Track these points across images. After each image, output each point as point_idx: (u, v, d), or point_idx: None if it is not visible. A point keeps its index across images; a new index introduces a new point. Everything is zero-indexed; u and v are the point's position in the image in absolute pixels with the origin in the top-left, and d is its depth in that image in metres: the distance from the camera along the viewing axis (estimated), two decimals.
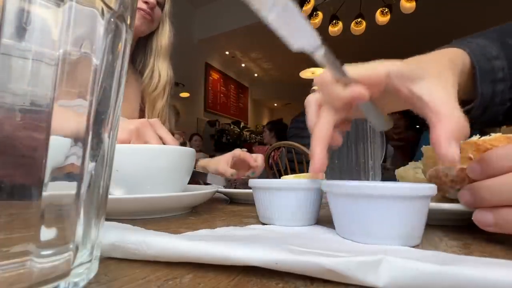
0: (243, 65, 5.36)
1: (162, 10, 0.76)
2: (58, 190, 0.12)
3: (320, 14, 2.61)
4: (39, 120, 0.11)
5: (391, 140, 2.37)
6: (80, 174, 0.13)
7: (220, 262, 0.16)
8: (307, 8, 2.52)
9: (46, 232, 0.11)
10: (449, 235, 0.25)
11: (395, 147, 2.17)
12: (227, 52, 4.82)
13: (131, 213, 0.33)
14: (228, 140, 4.73)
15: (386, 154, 0.62)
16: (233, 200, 0.52)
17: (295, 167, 1.68)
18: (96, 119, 0.13)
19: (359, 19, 2.67)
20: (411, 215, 0.20)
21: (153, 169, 0.37)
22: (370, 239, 0.21)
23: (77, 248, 0.13)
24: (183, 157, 0.40)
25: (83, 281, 0.14)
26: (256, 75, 5.83)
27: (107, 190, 0.16)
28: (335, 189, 0.23)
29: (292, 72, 5.01)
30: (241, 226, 0.27)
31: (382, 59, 0.27)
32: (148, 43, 0.78)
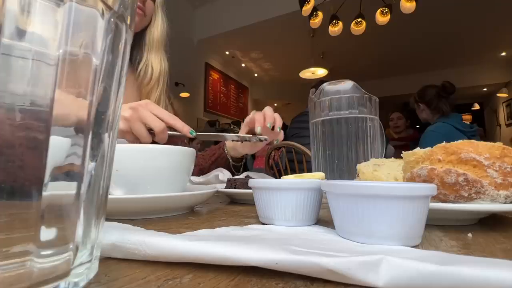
0: (243, 65, 5.35)
1: (154, 2, 0.75)
2: (58, 190, 0.12)
3: (320, 14, 2.60)
4: (39, 120, 0.11)
5: (391, 140, 2.38)
6: (80, 174, 0.13)
7: (220, 262, 0.16)
8: (307, 8, 2.51)
9: (46, 232, 0.11)
10: (449, 235, 0.25)
11: (395, 147, 2.17)
12: (227, 52, 4.81)
13: (131, 213, 0.33)
14: None
15: (386, 154, 0.62)
16: (233, 200, 0.52)
17: (295, 167, 1.67)
18: (96, 119, 0.13)
19: (359, 19, 2.67)
20: (411, 215, 0.20)
21: (153, 169, 0.37)
22: (370, 239, 0.21)
23: (77, 248, 0.13)
24: (183, 157, 0.40)
25: (83, 281, 0.14)
26: (256, 75, 5.83)
27: (107, 190, 0.16)
28: (335, 189, 0.23)
29: (292, 72, 5.00)
30: (241, 226, 0.27)
31: (382, 59, 0.27)
32: (142, 37, 0.77)
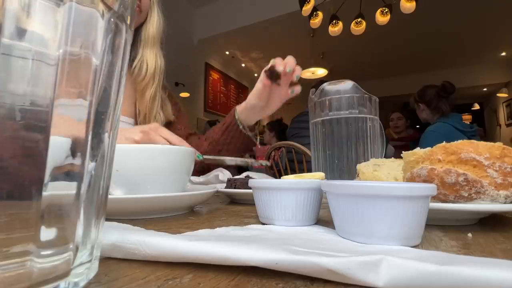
0: (243, 65, 5.35)
1: None
2: (58, 190, 0.12)
3: (320, 14, 2.60)
4: (39, 120, 0.11)
5: (391, 140, 2.38)
6: (80, 174, 0.13)
7: (220, 262, 0.16)
8: (307, 8, 2.51)
9: (46, 232, 0.11)
10: (449, 235, 0.25)
11: (395, 147, 2.17)
12: (227, 52, 4.81)
13: (131, 213, 0.33)
14: None
15: (386, 154, 0.62)
16: (233, 200, 0.52)
17: (295, 167, 1.68)
18: (96, 119, 0.13)
19: (359, 19, 2.67)
20: (411, 215, 0.20)
21: (153, 169, 0.37)
22: (370, 239, 0.21)
23: (77, 248, 0.13)
24: (183, 157, 0.40)
25: (83, 281, 0.14)
26: (256, 75, 5.82)
27: (107, 190, 0.16)
28: (335, 189, 0.23)
29: None
30: (241, 226, 0.27)
31: (382, 59, 0.27)
32: (137, 34, 0.76)
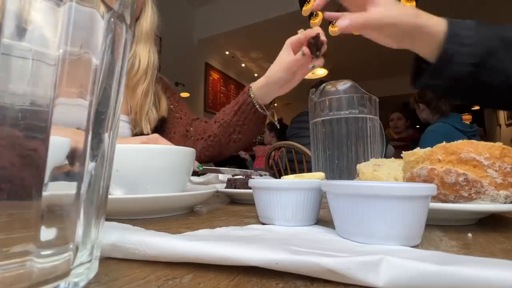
0: (243, 65, 5.35)
1: None
2: (58, 190, 0.12)
3: (320, 14, 2.60)
4: (39, 120, 0.11)
5: (391, 140, 2.38)
6: (80, 174, 0.13)
7: (220, 262, 0.16)
8: (307, 8, 2.51)
9: (46, 232, 0.11)
10: (449, 235, 0.25)
11: (395, 147, 2.17)
12: (227, 52, 4.81)
13: (131, 213, 0.33)
14: None
15: (386, 154, 0.62)
16: (233, 200, 0.52)
17: (295, 167, 1.67)
18: (96, 119, 0.13)
19: None
20: (411, 215, 0.20)
21: (153, 169, 0.37)
22: (370, 239, 0.21)
23: (77, 248, 0.13)
24: (183, 157, 0.40)
25: (83, 281, 0.14)
26: (256, 75, 5.82)
27: (107, 190, 0.16)
28: (335, 189, 0.23)
29: None
30: (241, 226, 0.27)
31: (382, 59, 0.27)
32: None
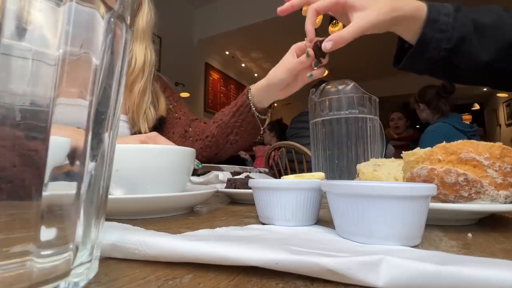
0: (243, 65, 5.35)
1: None
2: (58, 190, 0.12)
3: (320, 15, 2.60)
4: (39, 120, 0.11)
5: (391, 140, 2.38)
6: (80, 174, 0.13)
7: (220, 262, 0.16)
8: (307, 8, 2.51)
9: (46, 232, 0.11)
10: (449, 235, 0.25)
11: (395, 147, 2.17)
12: (227, 52, 4.81)
13: (131, 213, 0.33)
14: None
15: (386, 154, 0.62)
16: (233, 200, 0.52)
17: (295, 167, 1.67)
18: (96, 119, 0.13)
19: None
20: (411, 215, 0.20)
21: (153, 169, 0.37)
22: (370, 239, 0.21)
23: (77, 248, 0.13)
24: (183, 157, 0.40)
25: (83, 281, 0.14)
26: (256, 75, 5.82)
27: (107, 190, 0.16)
28: (335, 189, 0.23)
29: None
30: (241, 226, 0.27)
31: (382, 59, 0.27)
32: None
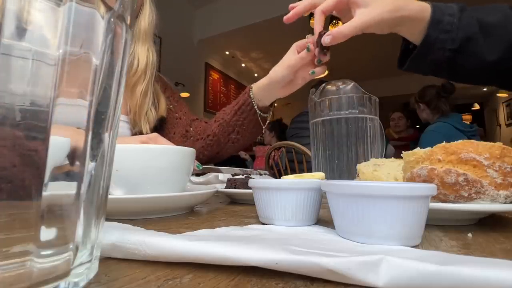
0: (243, 65, 5.35)
1: None
2: (58, 190, 0.12)
3: None
4: (39, 120, 0.11)
5: (391, 140, 2.38)
6: (80, 174, 0.13)
7: (220, 262, 0.16)
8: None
9: (46, 232, 0.11)
10: (449, 235, 0.25)
11: (395, 147, 2.17)
12: (227, 52, 4.81)
13: (131, 213, 0.33)
14: None
15: (386, 154, 0.62)
16: (233, 200, 0.52)
17: (295, 167, 1.68)
18: (96, 119, 0.13)
19: None
20: (411, 215, 0.20)
21: (153, 169, 0.37)
22: (370, 239, 0.21)
23: (77, 248, 0.13)
24: (183, 157, 0.40)
25: (83, 281, 0.14)
26: (256, 75, 5.82)
27: (107, 190, 0.16)
28: (335, 189, 0.23)
29: None
30: (241, 226, 0.27)
31: (382, 59, 0.27)
32: None
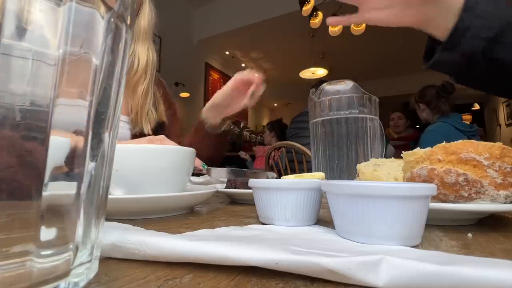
0: (243, 65, 5.35)
1: None
2: (58, 190, 0.12)
3: (320, 14, 2.60)
4: (39, 120, 0.11)
5: (391, 140, 2.38)
6: (80, 174, 0.13)
7: (220, 262, 0.16)
8: (307, 8, 2.51)
9: (46, 232, 0.11)
10: (449, 235, 0.25)
11: (395, 147, 2.17)
12: (227, 52, 4.81)
13: (131, 213, 0.33)
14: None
15: (386, 154, 0.62)
16: (233, 200, 0.52)
17: (295, 167, 1.68)
18: (96, 119, 0.13)
19: None
20: (411, 215, 0.20)
21: (153, 169, 0.37)
22: (370, 239, 0.21)
23: (77, 248, 0.13)
24: (183, 157, 0.40)
25: (83, 281, 0.14)
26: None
27: (107, 190, 0.16)
28: (335, 189, 0.23)
29: (292, 72, 5.00)
30: (241, 226, 0.27)
31: (382, 59, 0.27)
32: None
